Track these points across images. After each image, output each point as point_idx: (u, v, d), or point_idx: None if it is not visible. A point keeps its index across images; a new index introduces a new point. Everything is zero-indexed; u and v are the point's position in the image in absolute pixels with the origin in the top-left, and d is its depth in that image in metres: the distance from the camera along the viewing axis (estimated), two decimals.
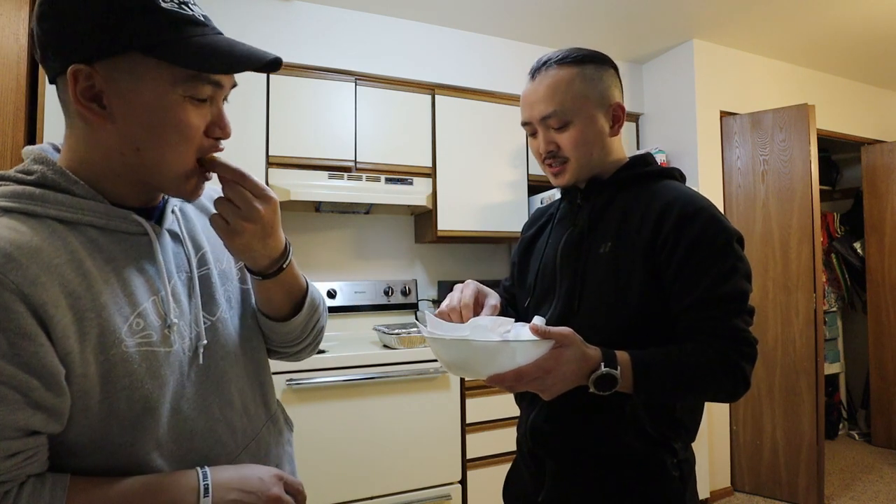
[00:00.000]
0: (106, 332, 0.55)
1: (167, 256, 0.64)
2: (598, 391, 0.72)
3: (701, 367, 0.76)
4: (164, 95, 0.55)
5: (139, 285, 0.59)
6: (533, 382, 0.69)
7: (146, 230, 0.62)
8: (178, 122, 0.57)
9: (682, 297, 0.79)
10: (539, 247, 1.01)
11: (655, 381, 0.75)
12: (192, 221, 0.72)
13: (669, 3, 2.40)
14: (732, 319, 0.77)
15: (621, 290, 0.82)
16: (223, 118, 0.62)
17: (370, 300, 2.53)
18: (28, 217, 0.54)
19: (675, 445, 0.84)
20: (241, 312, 0.74)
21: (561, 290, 0.90)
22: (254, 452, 0.71)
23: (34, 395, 0.50)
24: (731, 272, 0.78)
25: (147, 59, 0.54)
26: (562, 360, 0.69)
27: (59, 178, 0.57)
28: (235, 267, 0.76)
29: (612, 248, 0.84)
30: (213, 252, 0.72)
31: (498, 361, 0.69)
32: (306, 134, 2.21)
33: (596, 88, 0.88)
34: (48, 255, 0.52)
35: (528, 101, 0.91)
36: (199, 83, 0.57)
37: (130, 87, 0.55)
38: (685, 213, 0.80)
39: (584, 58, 0.88)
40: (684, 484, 0.86)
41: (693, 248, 0.78)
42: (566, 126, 0.87)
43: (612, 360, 0.73)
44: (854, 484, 2.81)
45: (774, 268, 2.69)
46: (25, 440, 0.51)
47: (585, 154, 0.88)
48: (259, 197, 0.63)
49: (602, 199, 0.90)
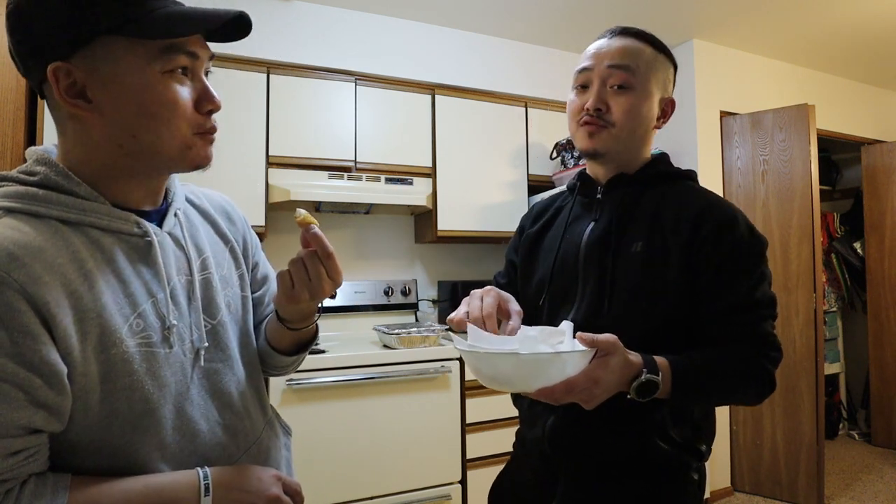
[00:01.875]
0: (107, 331, 0.55)
1: (167, 259, 0.64)
2: (638, 398, 0.71)
3: (734, 371, 0.77)
4: (144, 74, 0.56)
5: (139, 286, 0.60)
6: (581, 393, 0.67)
7: (147, 232, 0.62)
8: (164, 98, 0.57)
9: (716, 300, 0.79)
10: (550, 242, 0.96)
11: (692, 386, 0.75)
12: (195, 226, 0.72)
13: (669, 3, 2.40)
14: (763, 325, 0.79)
15: (655, 292, 0.80)
16: (209, 91, 0.61)
17: (370, 300, 2.53)
18: (31, 217, 0.55)
19: (701, 448, 0.84)
20: (240, 318, 0.75)
21: (586, 290, 0.86)
22: (254, 456, 0.71)
23: (36, 393, 0.50)
24: (761, 278, 0.81)
25: (118, 41, 0.55)
26: (609, 368, 0.68)
27: (62, 180, 0.57)
28: (236, 273, 0.76)
29: (644, 248, 0.82)
30: (215, 257, 0.72)
31: (548, 374, 0.66)
32: (306, 134, 2.21)
33: (663, 74, 0.88)
34: (51, 254, 0.52)
35: (599, 50, 0.86)
36: (174, 55, 0.57)
37: (110, 73, 0.55)
38: (725, 220, 0.80)
39: (662, 46, 0.89)
40: (701, 489, 0.86)
41: (732, 254, 0.79)
42: (625, 91, 0.84)
43: (654, 366, 0.71)
44: (854, 484, 2.81)
45: (774, 268, 2.69)
46: (27, 438, 0.51)
47: (631, 127, 0.85)
48: (332, 277, 0.66)
49: (630, 196, 0.87)
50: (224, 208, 0.80)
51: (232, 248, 0.77)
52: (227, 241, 0.77)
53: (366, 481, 1.92)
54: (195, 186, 0.79)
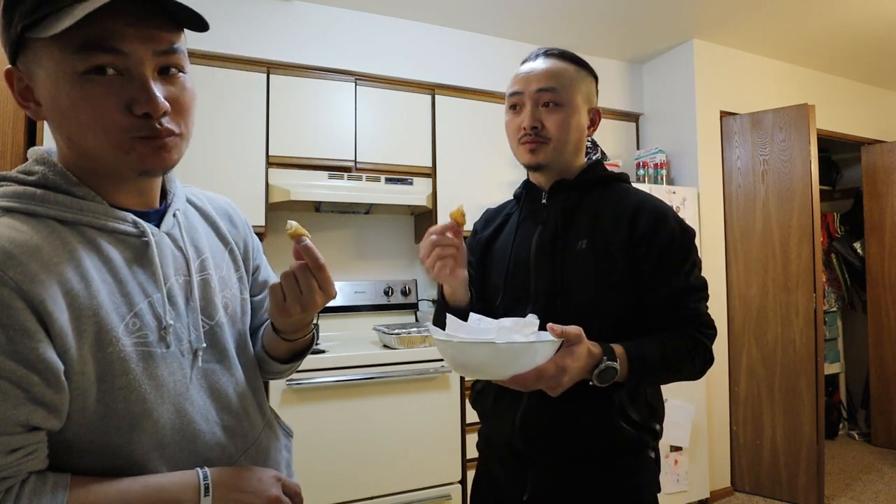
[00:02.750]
0: (102, 330, 0.55)
1: (165, 259, 0.64)
2: (599, 384, 0.77)
3: (680, 350, 0.85)
4: (60, 75, 0.53)
5: (135, 286, 0.60)
6: (551, 380, 0.72)
7: (144, 232, 0.62)
8: (78, 101, 0.53)
9: (658, 288, 0.88)
10: (501, 246, 1.02)
11: (647, 369, 0.82)
12: (194, 227, 0.72)
13: (669, 3, 2.40)
14: (699, 306, 0.89)
15: (604, 285, 0.88)
16: (147, 91, 0.54)
17: (370, 300, 2.53)
18: (29, 217, 0.55)
19: (656, 427, 0.92)
20: (239, 320, 0.75)
21: (539, 289, 0.93)
22: (253, 457, 0.71)
23: (34, 390, 0.50)
24: (693, 266, 0.90)
25: (37, 42, 0.53)
26: (575, 356, 0.74)
27: (60, 180, 0.57)
28: (235, 275, 0.76)
29: (589, 245, 0.90)
30: (214, 258, 0.72)
31: (520, 362, 0.70)
32: (306, 134, 2.21)
33: (586, 88, 0.96)
34: (47, 253, 0.53)
35: (526, 75, 0.94)
36: (90, 52, 0.52)
37: (39, 76, 0.55)
38: (657, 214, 0.89)
39: (578, 60, 0.97)
40: (658, 465, 0.96)
41: (668, 245, 0.88)
42: (556, 108, 0.92)
43: (612, 353, 0.79)
44: (854, 484, 2.81)
45: (774, 268, 2.69)
46: (26, 436, 0.51)
47: (565, 140, 0.93)
48: (323, 289, 0.66)
49: (571, 200, 0.95)
50: (226, 211, 0.80)
51: (232, 251, 0.77)
52: (227, 243, 0.76)
53: (366, 481, 1.92)
54: (197, 189, 0.79)
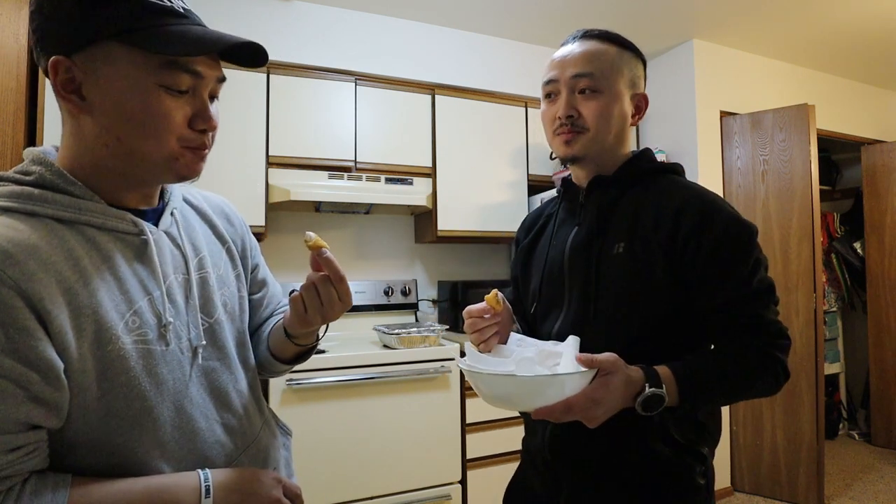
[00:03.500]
0: (102, 328, 0.55)
1: (164, 257, 0.64)
2: (645, 412, 0.70)
3: (742, 368, 0.75)
4: (138, 83, 0.56)
5: (135, 284, 0.60)
6: (582, 412, 0.67)
7: (143, 231, 0.62)
8: (153, 111, 0.57)
9: (711, 296, 0.77)
10: (541, 251, 0.96)
11: (701, 391, 0.73)
12: (192, 226, 0.72)
13: (669, 3, 2.40)
14: (765, 313, 0.77)
15: (641, 293, 0.79)
16: (207, 110, 0.61)
17: (370, 300, 2.53)
18: (27, 216, 0.55)
19: (703, 451, 0.82)
20: (237, 318, 0.75)
21: (572, 295, 0.86)
22: (253, 455, 0.71)
23: (34, 388, 0.50)
24: (756, 266, 0.78)
25: (121, 48, 0.55)
26: (609, 387, 0.68)
27: (57, 179, 0.58)
28: (233, 273, 0.77)
29: (626, 249, 0.81)
30: (212, 257, 0.73)
31: (546, 395, 0.67)
32: (306, 134, 2.21)
33: (630, 71, 0.87)
34: (46, 252, 0.53)
35: (562, 59, 0.86)
36: (175, 71, 0.57)
37: (106, 76, 0.56)
38: (704, 213, 0.78)
39: (624, 42, 0.88)
40: (709, 493, 0.83)
41: (717, 247, 0.77)
42: (594, 94, 0.84)
43: (656, 378, 0.70)
44: (854, 484, 2.81)
45: (774, 268, 2.69)
46: (27, 434, 0.51)
47: (604, 130, 0.84)
48: (343, 300, 0.68)
49: (609, 197, 0.86)
50: (223, 210, 0.81)
51: (229, 249, 0.77)
52: (225, 241, 0.77)
53: (366, 481, 1.92)
54: (194, 188, 0.79)
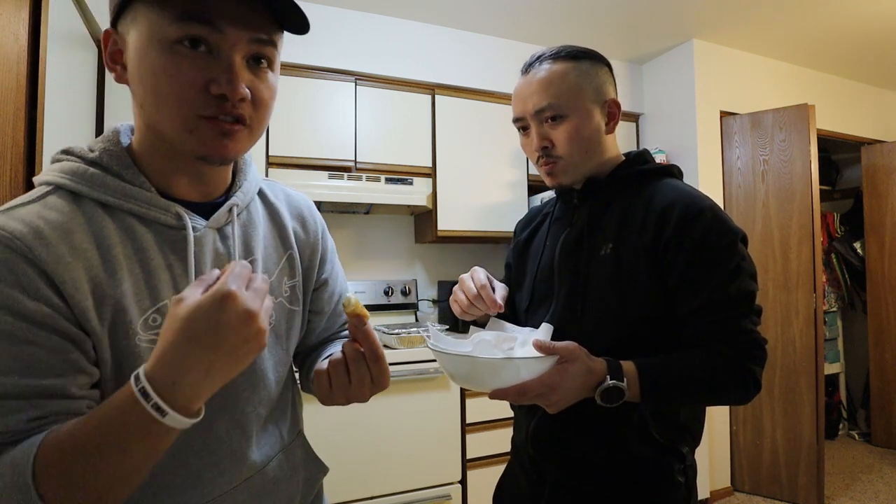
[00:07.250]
0: (121, 321, 0.53)
1: (203, 256, 0.59)
2: (605, 404, 0.71)
3: (710, 374, 0.74)
4: (152, 42, 0.52)
5: (164, 280, 0.56)
6: (537, 398, 0.69)
7: (185, 226, 0.58)
8: (159, 69, 0.52)
9: (687, 300, 0.77)
10: (535, 248, 0.98)
11: (664, 391, 0.74)
12: (254, 225, 0.66)
13: (669, 3, 2.40)
14: (740, 322, 0.75)
15: (625, 294, 0.80)
16: (231, 73, 0.52)
17: (370, 300, 2.53)
18: (74, 198, 0.54)
19: (683, 450, 0.83)
20: (282, 332, 0.69)
21: (560, 294, 0.88)
22: (258, 486, 0.64)
23: (71, 356, 0.50)
24: (735, 273, 0.76)
25: (142, 6, 0.53)
26: (566, 375, 0.69)
27: (113, 161, 0.56)
28: (288, 284, 0.70)
29: (613, 250, 0.82)
30: (266, 262, 0.67)
31: (501, 377, 0.69)
32: (306, 134, 2.21)
33: (591, 83, 0.85)
34: (79, 238, 0.52)
35: (521, 95, 0.87)
36: (188, 23, 0.51)
37: (133, 40, 0.54)
38: (687, 214, 0.77)
39: (577, 53, 0.86)
40: (689, 491, 0.84)
41: (697, 249, 0.76)
42: (560, 120, 0.84)
43: (618, 371, 0.71)
44: (854, 484, 2.81)
45: (774, 268, 2.69)
46: (91, 391, 0.52)
47: (580, 151, 0.84)
48: (376, 382, 0.60)
49: (601, 200, 0.87)
50: (301, 213, 0.75)
51: (291, 257, 0.70)
52: (289, 247, 0.70)
53: (366, 481, 1.92)
54: (281, 184, 0.75)
